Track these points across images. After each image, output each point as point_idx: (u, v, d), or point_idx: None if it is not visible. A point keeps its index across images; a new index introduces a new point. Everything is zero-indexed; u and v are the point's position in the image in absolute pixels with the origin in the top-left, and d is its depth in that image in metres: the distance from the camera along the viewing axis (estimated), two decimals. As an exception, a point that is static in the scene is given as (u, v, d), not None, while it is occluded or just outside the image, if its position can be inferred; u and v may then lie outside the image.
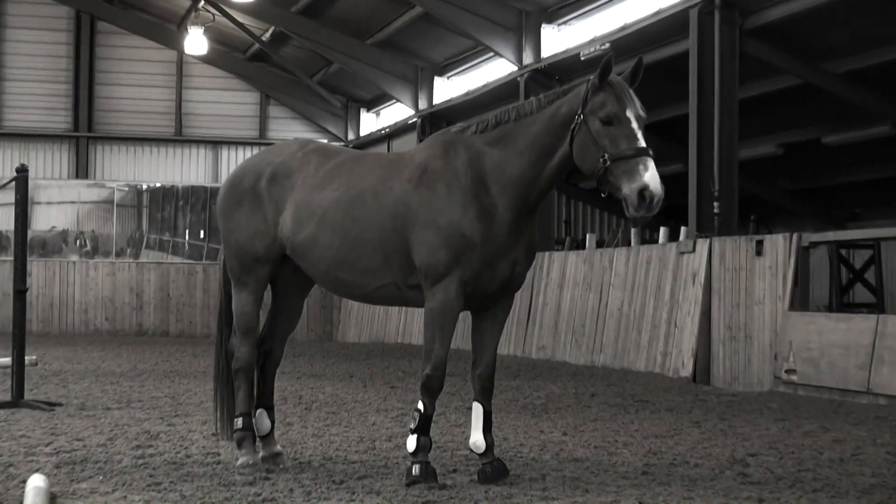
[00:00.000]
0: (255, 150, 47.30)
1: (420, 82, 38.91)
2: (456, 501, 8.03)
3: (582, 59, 28.14)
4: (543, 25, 31.15)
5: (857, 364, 16.05)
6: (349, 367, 21.69)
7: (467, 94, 35.20)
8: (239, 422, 9.52)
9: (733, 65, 22.43)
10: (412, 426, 8.77)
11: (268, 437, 9.67)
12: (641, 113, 8.43)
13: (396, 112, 42.04)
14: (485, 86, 33.98)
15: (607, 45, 27.04)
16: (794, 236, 18.20)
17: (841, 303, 26.74)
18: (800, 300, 18.02)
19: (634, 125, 8.32)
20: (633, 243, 24.99)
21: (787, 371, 17.26)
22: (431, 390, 8.77)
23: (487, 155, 8.79)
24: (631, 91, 8.48)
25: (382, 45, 38.00)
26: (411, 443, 8.73)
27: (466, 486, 8.71)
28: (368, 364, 22.55)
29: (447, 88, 38.02)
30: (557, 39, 30.76)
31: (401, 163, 9.19)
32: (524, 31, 31.46)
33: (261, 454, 9.50)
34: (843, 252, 27.41)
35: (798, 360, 17.10)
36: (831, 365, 16.51)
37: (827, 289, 26.85)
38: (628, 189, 8.13)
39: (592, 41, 27.80)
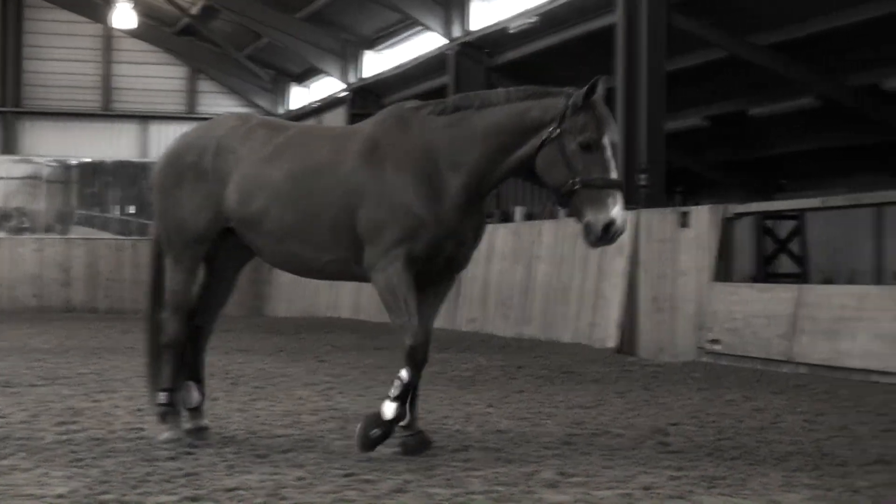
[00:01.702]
0: (185, 125, 46.97)
1: (349, 56, 38.85)
2: (378, 473, 8.06)
3: (511, 31, 28.24)
4: (472, -2, 31.19)
5: (778, 334, 16.26)
6: (278, 341, 21.66)
7: (397, 67, 35.19)
8: (163, 396, 9.46)
9: (661, 37, 22.53)
10: (391, 393, 8.67)
11: (196, 411, 9.60)
12: (616, 138, 8.47)
13: (326, 86, 41.95)
14: (414, 59, 33.98)
15: (536, 17, 27.14)
16: (719, 208, 18.35)
17: (766, 273, 27.05)
18: (724, 271, 18.19)
19: (609, 153, 8.29)
20: (560, 216, 25.10)
21: (710, 341, 17.44)
22: (416, 361, 8.68)
23: (442, 136, 8.70)
24: (609, 115, 8.42)
25: (311, 18, 37.88)
26: (389, 409, 8.64)
27: (389, 458, 8.74)
28: (297, 338, 22.56)
29: (377, 62, 37.97)
30: (486, 12, 30.78)
31: (353, 137, 9.10)
32: (452, 4, 31.45)
33: (187, 426, 9.46)
34: (769, 223, 27.74)
35: (722, 331, 17.29)
36: (754, 335, 16.71)
37: (753, 260, 27.18)
38: (594, 219, 8.16)
39: (522, 14, 27.88)
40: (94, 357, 17.79)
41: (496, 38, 29.46)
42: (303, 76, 44.68)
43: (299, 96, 45.84)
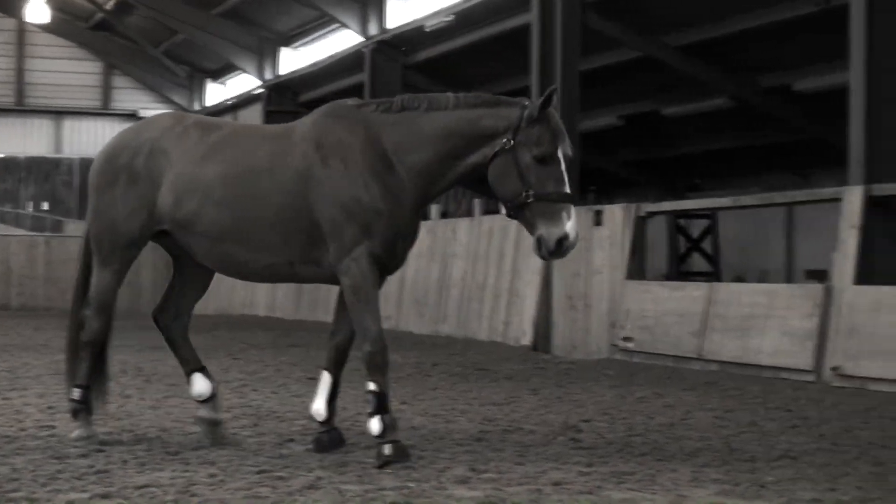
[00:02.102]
0: (99, 121, 46.89)
1: (266, 53, 38.72)
2: (291, 470, 8.04)
3: (427, 30, 28.28)
4: (388, -3, 31.20)
5: (690, 331, 16.43)
6: (193, 338, 21.38)
7: (313, 64, 35.12)
8: (76, 393, 9.29)
9: (575, 38, 22.66)
10: (369, 409, 8.41)
11: (212, 400, 9.35)
12: (569, 151, 8.26)
13: (242, 82, 41.82)
14: (331, 56, 33.92)
15: (452, 16, 27.19)
16: (632, 207, 18.49)
17: (679, 272, 27.34)
18: (637, 269, 18.35)
19: (563, 167, 8.14)
20: (476, 214, 25.17)
21: (623, 339, 17.59)
22: (378, 367, 8.40)
23: (389, 134, 8.50)
24: (563, 127, 8.25)
25: (228, 15, 37.73)
26: (375, 425, 8.34)
27: (302, 455, 8.72)
28: (213, 336, 22.42)
29: (293, 59, 37.85)
30: (403, 11, 30.80)
31: (292, 136, 8.82)
32: (369, 2, 31.44)
33: (200, 413, 9.31)
34: (682, 222, 28.05)
35: (634, 328, 17.44)
36: (666, 332, 16.87)
37: (666, 258, 27.43)
38: (546, 232, 8.03)
39: (437, 12, 27.92)
40: (6, 354, 17.57)
41: (412, 36, 29.50)
42: (219, 73, 44.50)
43: (215, 93, 45.64)
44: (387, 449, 8.23)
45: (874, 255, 14.80)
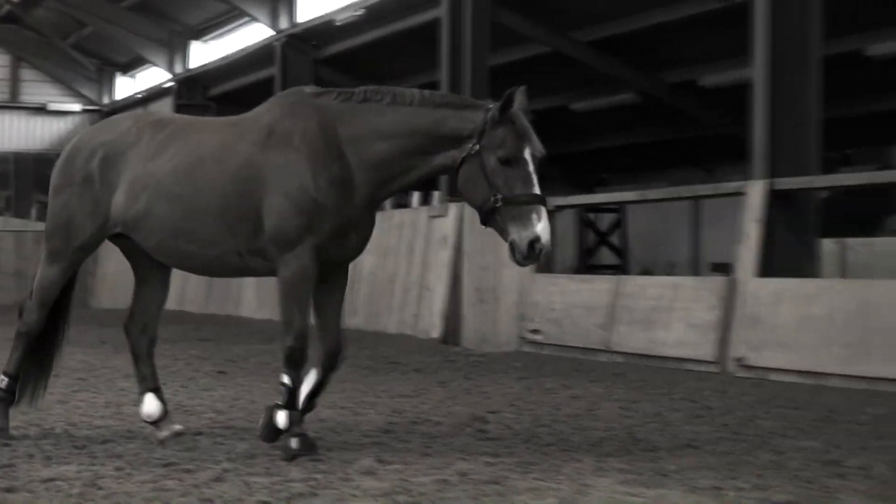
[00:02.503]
0: (7, 114, 46.32)
1: (176, 46, 38.45)
2: (198, 462, 8.02)
3: (337, 24, 28.23)
4: (299, -10, 31.12)
5: (597, 323, 16.57)
6: (102, 333, 21.30)
7: (224, 58, 34.93)
8: (3, 382, 9.12)
9: (484, 33, 22.74)
10: (279, 402, 8.33)
11: (164, 419, 9.07)
12: (539, 149, 8.00)
13: (153, 76, 41.48)
14: (241, 50, 33.76)
15: (362, 10, 27.17)
16: (540, 201, 18.57)
17: (587, 265, 27.57)
18: (545, 263, 18.43)
19: (531, 168, 7.91)
20: (386, 207, 25.16)
21: (532, 331, 17.70)
22: (296, 362, 8.36)
23: (346, 124, 8.27)
24: (530, 127, 8.02)
25: (137, 8, 37.41)
26: (282, 419, 8.27)
27: (209, 447, 8.70)
28: (121, 331, 22.21)
29: (204, 52, 37.62)
30: (313, 5, 30.73)
31: (243, 125, 8.65)
32: (280, -5, 31.36)
33: (162, 435, 8.96)
34: (590, 216, 28.31)
35: (542, 321, 17.56)
36: (573, 325, 17.00)
37: (575, 251, 27.63)
38: (518, 236, 7.78)
39: (348, 7, 27.89)
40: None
41: (322, 30, 29.44)
42: (129, 66, 44.12)
43: (125, 86, 45.25)
44: (293, 442, 8.18)
45: (776, 247, 15.01)
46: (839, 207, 20.26)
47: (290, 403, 8.33)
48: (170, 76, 38.70)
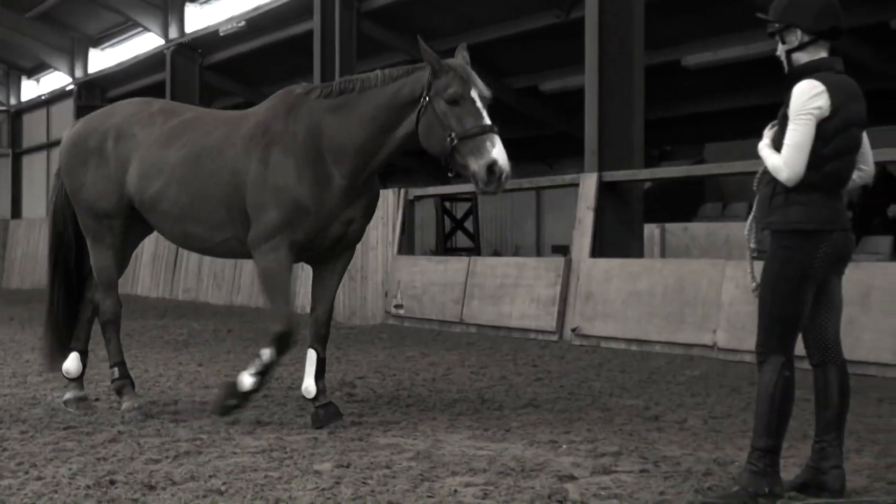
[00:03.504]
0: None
1: (77, 53, 37.75)
2: (95, 426, 7.94)
3: (221, 34, 27.95)
4: (187, 3, 30.74)
5: (452, 299, 16.64)
6: (10, 311, 20.97)
7: (119, 64, 34.39)
8: (115, 371, 8.80)
9: (351, 43, 22.73)
10: (251, 368, 8.00)
11: (78, 380, 8.91)
12: (485, 92, 7.67)
13: (55, 80, 40.66)
14: (135, 57, 33.27)
15: (243, 22, 26.94)
16: (402, 191, 18.65)
17: (444, 248, 27.62)
18: (406, 246, 18.52)
19: (479, 104, 7.55)
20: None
21: (395, 306, 17.73)
22: (281, 345, 8.00)
23: (327, 122, 7.98)
24: (473, 72, 7.69)
25: (41, 17, 36.66)
26: (246, 380, 7.96)
27: (106, 412, 8.61)
28: (28, 308, 21.80)
29: (101, 59, 37.03)
30: (200, 16, 30.41)
31: (244, 120, 8.39)
32: (170, 7, 30.95)
33: (67, 396, 8.80)
34: (448, 204, 28.32)
35: (405, 297, 17.59)
36: (432, 300, 17.06)
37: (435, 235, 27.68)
38: (476, 166, 7.36)
39: (231, 19, 27.63)
40: None
41: (208, 40, 29.14)
42: (33, 70, 43.22)
43: (30, 89, 44.29)
44: (232, 401, 8.00)
45: (606, 232, 15.23)
46: (660, 197, 20.62)
47: (259, 373, 8.00)
48: (71, 80, 37.98)
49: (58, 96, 40.07)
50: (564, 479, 6.20)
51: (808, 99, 5.54)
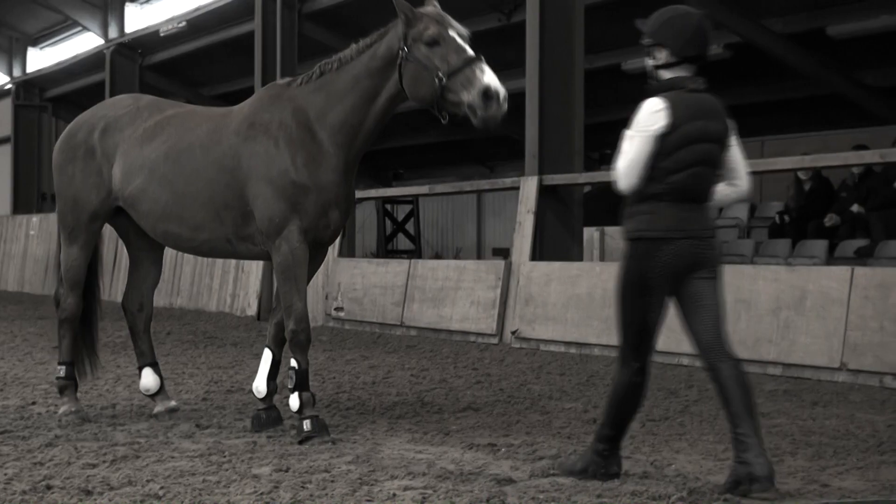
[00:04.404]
0: None
1: (15, 52, 37.35)
2: (32, 430, 7.87)
3: (161, 34, 27.77)
4: (127, 3, 30.51)
5: (393, 302, 16.64)
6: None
7: (58, 64, 34.07)
8: (62, 370, 8.68)
9: (293, 44, 22.65)
10: (290, 385, 7.74)
11: (160, 393, 8.74)
12: (463, 31, 7.46)
13: (-8, 79, 40.22)
14: (74, 57, 32.99)
15: (184, 23, 26.77)
16: (343, 193, 18.60)
17: (386, 250, 27.67)
18: (347, 248, 18.51)
19: (460, 41, 7.37)
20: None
21: (336, 309, 17.70)
22: (301, 344, 7.73)
23: (311, 103, 7.83)
24: (446, 14, 7.56)
25: (-23, 16, 36.23)
26: (294, 401, 7.69)
27: (43, 416, 8.54)
28: (-35, 310, 21.67)
29: (41, 58, 36.66)
30: (140, 16, 30.20)
31: (229, 116, 8.21)
32: (110, 7, 30.71)
33: (157, 409, 8.62)
34: (389, 207, 28.41)
35: (345, 300, 17.57)
36: (373, 303, 17.04)
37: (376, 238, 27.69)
38: (470, 96, 7.17)
39: (171, 19, 27.46)
40: None
41: (149, 40, 28.94)
42: (-30, 69, 42.66)
43: (-34, 88, 43.72)
44: (306, 424, 7.60)
45: (546, 235, 15.30)
46: (599, 200, 20.72)
47: (300, 385, 7.73)
48: (8, 79, 37.58)
49: (-6, 95, 39.67)
50: (503, 482, 6.23)
51: (646, 116, 6.00)
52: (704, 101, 6.10)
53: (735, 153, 6.22)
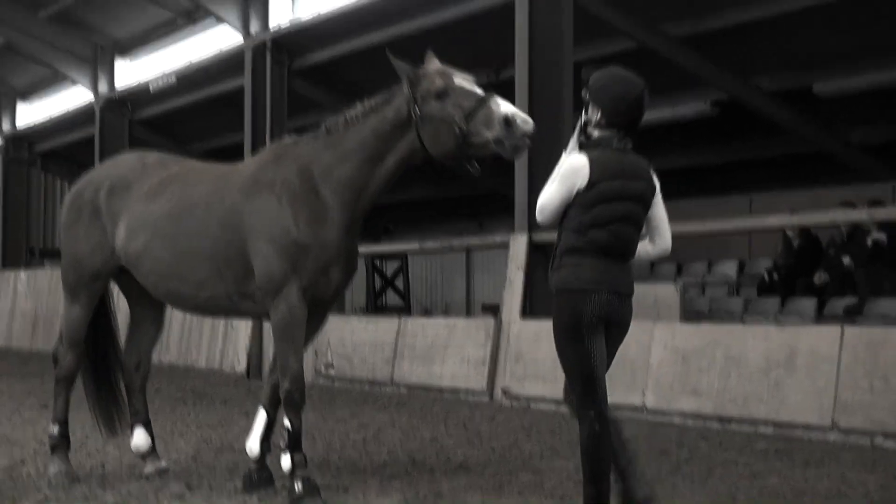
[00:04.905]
0: None
1: (3, 106, 37.41)
2: (20, 491, 7.85)
3: (151, 90, 27.87)
4: (117, 58, 30.60)
5: (383, 358, 16.63)
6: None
7: (48, 119, 34.14)
8: (55, 429, 8.65)
9: (282, 100, 22.81)
10: (283, 445, 7.73)
11: (152, 454, 8.72)
12: (468, 76, 7.41)
13: (-20, 133, 40.27)
14: (64, 112, 33.08)
15: (174, 78, 26.89)
16: (333, 250, 18.61)
17: (375, 306, 27.66)
18: (336, 304, 18.45)
19: (467, 85, 7.31)
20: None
21: (325, 366, 17.68)
22: (295, 405, 7.70)
23: (317, 161, 7.80)
24: (447, 66, 7.52)
25: (-33, 71, 36.30)
26: (285, 462, 7.65)
27: (33, 476, 8.50)
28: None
29: (29, 112, 36.72)
30: (130, 71, 30.31)
31: (233, 173, 8.18)
32: (99, 62, 30.82)
33: (147, 470, 8.60)
34: (378, 263, 28.43)
35: (335, 357, 17.55)
36: (362, 360, 17.03)
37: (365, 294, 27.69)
38: (493, 131, 7.07)
39: (161, 75, 27.57)
40: None
41: (139, 95, 29.04)
42: (-42, 123, 42.71)
43: (-45, 142, 43.74)
44: (298, 485, 7.56)
45: (535, 292, 15.32)
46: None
47: (292, 446, 7.71)
48: (-4, 134, 37.69)
49: (-17, 150, 39.73)
50: (496, 545, 6.22)
51: (568, 170, 6.18)
52: (628, 161, 6.26)
53: (659, 211, 6.41)
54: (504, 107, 7.08)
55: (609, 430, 6.15)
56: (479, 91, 7.28)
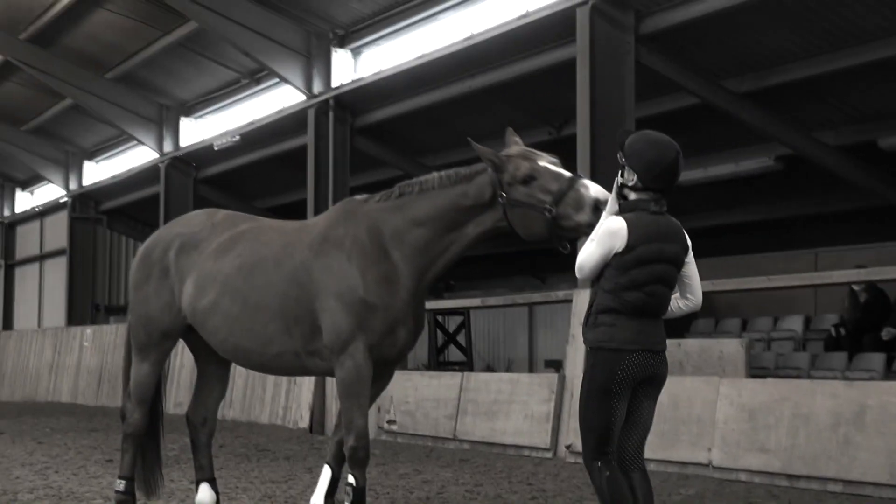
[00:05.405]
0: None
1: (71, 165, 37.99)
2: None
3: (215, 148, 28.19)
4: (182, 117, 31.03)
5: (445, 414, 16.60)
6: (0, 424, 20.87)
7: (114, 177, 34.62)
8: (121, 485, 8.78)
9: (345, 158, 23.01)
10: (347, 501, 7.82)
11: None
12: (552, 158, 7.40)
13: (49, 191, 40.88)
14: (129, 170, 33.51)
15: (238, 137, 27.20)
16: (395, 306, 18.63)
17: (437, 361, 27.61)
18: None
19: (553, 168, 7.29)
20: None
21: (388, 422, 17.67)
22: (360, 461, 7.77)
23: (388, 222, 7.83)
24: (531, 149, 7.50)
25: (37, 131, 36.98)
26: None
27: (99, 532, 8.56)
28: (18, 421, 21.75)
29: (96, 171, 37.28)
30: (195, 130, 30.71)
31: (303, 231, 8.27)
32: (165, 121, 31.26)
33: None
34: (440, 318, 28.37)
35: (398, 412, 17.54)
36: (425, 416, 17.01)
37: (427, 350, 27.67)
38: (583, 216, 6.99)
39: (225, 133, 27.88)
40: None
41: (203, 153, 29.39)
42: (28, 182, 43.44)
43: (24, 201, 44.47)
44: None
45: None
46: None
47: (357, 502, 7.81)
48: (65, 192, 38.20)
49: (52, 208, 40.25)
50: None
51: (607, 232, 6.27)
52: (663, 224, 6.37)
53: (691, 269, 6.56)
54: (594, 190, 7.00)
55: (617, 471, 6.31)
56: (565, 173, 7.22)
